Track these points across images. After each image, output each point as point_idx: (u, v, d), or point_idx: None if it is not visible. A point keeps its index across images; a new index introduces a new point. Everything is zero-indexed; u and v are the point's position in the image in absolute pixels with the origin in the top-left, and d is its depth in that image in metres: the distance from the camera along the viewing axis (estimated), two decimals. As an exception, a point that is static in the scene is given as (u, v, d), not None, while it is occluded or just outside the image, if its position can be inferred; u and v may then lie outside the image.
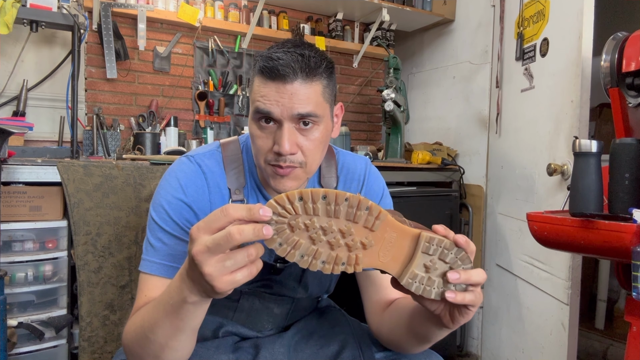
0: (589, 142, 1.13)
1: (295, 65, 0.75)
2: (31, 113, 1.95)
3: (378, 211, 0.60)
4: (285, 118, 0.77)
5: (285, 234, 0.58)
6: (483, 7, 2.38)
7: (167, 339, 0.68)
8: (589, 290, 2.64)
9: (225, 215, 0.56)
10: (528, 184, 1.91)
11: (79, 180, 1.33)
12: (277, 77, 0.76)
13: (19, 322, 1.35)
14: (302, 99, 0.77)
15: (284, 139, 0.77)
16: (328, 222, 0.59)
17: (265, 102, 0.77)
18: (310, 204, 0.57)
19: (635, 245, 0.97)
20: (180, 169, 0.88)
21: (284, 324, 1.03)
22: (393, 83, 2.25)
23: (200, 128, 2.37)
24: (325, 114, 0.82)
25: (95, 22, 2.07)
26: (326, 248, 0.60)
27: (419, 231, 0.63)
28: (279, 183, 0.81)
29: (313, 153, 0.81)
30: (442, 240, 0.63)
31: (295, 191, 0.57)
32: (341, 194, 0.58)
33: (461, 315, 0.67)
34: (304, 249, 0.59)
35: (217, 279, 0.56)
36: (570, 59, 1.62)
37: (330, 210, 0.58)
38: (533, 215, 1.26)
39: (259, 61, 0.78)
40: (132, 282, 1.38)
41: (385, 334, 0.89)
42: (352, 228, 0.60)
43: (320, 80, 0.79)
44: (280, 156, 0.78)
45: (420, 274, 0.64)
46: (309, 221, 0.58)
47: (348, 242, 0.60)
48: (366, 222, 0.60)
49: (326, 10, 2.67)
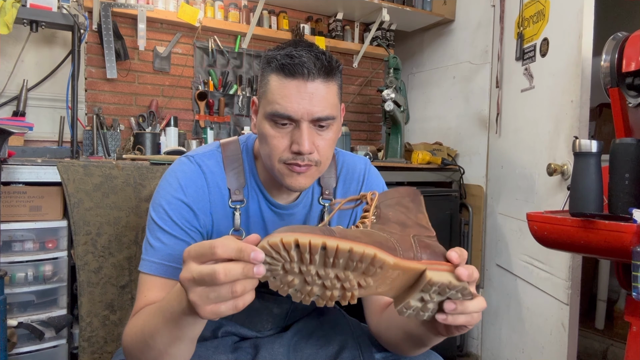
0: (589, 142, 1.13)
1: (319, 63, 0.76)
2: (31, 113, 1.95)
3: (382, 262, 0.55)
4: (305, 119, 0.78)
5: (278, 274, 0.56)
6: (483, 7, 2.38)
7: (166, 347, 0.68)
8: (589, 290, 2.64)
9: (212, 253, 0.54)
10: (528, 184, 1.91)
11: (79, 180, 1.33)
12: (300, 74, 0.76)
13: (19, 322, 1.35)
14: (321, 100, 0.77)
15: (304, 138, 0.78)
16: (325, 270, 0.55)
17: (286, 104, 0.77)
18: (307, 255, 0.53)
19: (635, 245, 0.97)
20: (180, 169, 0.88)
21: (283, 324, 1.03)
22: (393, 83, 2.25)
23: (200, 128, 2.37)
24: (338, 114, 0.84)
25: (95, 22, 2.07)
26: (320, 288, 0.57)
27: (423, 268, 0.59)
28: (294, 180, 0.82)
29: (327, 152, 0.83)
30: (445, 284, 0.59)
31: (291, 237, 0.52)
32: (342, 248, 0.53)
33: (457, 330, 0.66)
34: (297, 287, 0.57)
35: (200, 308, 0.55)
36: (570, 59, 1.62)
37: (328, 262, 0.54)
38: (533, 215, 1.26)
39: (277, 59, 0.77)
40: (132, 282, 1.38)
41: (383, 335, 0.90)
42: (351, 275, 0.56)
43: (336, 81, 0.81)
44: (298, 155, 0.79)
45: (416, 305, 0.62)
46: (304, 268, 0.55)
47: (344, 285, 0.57)
48: (366, 271, 0.56)
49: (326, 10, 2.67)
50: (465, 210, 2.40)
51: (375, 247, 0.56)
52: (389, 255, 0.57)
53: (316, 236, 0.53)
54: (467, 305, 0.61)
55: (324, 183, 0.96)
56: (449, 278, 0.59)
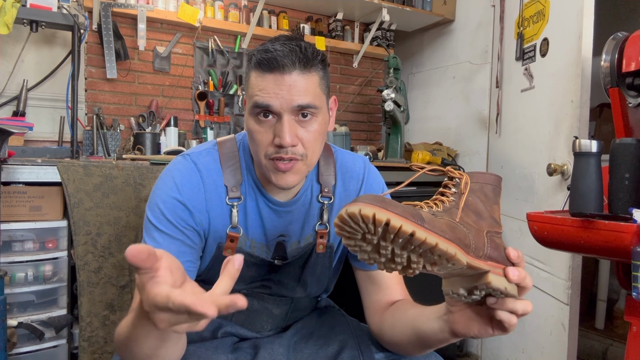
0: (589, 142, 1.13)
1: (293, 55, 0.76)
2: (31, 113, 1.95)
3: (457, 260, 0.56)
4: (285, 110, 0.77)
5: (355, 237, 0.57)
6: (483, 7, 2.38)
7: (153, 350, 0.67)
8: (589, 290, 2.64)
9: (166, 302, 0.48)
10: (528, 184, 1.91)
11: (79, 180, 1.33)
12: (275, 68, 0.76)
13: (19, 322, 1.35)
14: (301, 90, 0.77)
15: (284, 130, 0.77)
16: (401, 251, 0.56)
17: (264, 95, 0.77)
18: (392, 236, 0.54)
19: (635, 245, 0.97)
20: (175, 167, 0.88)
21: (283, 324, 1.03)
22: (393, 83, 2.25)
23: (200, 128, 2.37)
24: (323, 105, 0.83)
25: (95, 22, 2.07)
26: (388, 261, 0.58)
27: (487, 270, 0.60)
28: (280, 178, 0.81)
29: (313, 145, 0.82)
30: (500, 289, 0.60)
31: (384, 216, 0.52)
32: (429, 242, 0.54)
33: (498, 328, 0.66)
34: (368, 253, 0.58)
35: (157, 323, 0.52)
36: (570, 59, 1.62)
37: (408, 247, 0.55)
38: (533, 215, 1.26)
39: (255, 55, 0.79)
40: (132, 282, 1.38)
41: (387, 335, 0.89)
42: (422, 261, 0.57)
43: (316, 72, 0.80)
44: (281, 148, 0.79)
45: (463, 293, 0.63)
46: (384, 243, 0.56)
47: (411, 265, 0.58)
48: (438, 262, 0.57)
49: (326, 10, 2.67)
50: (465, 210, 2.40)
51: (456, 246, 0.57)
52: (465, 255, 0.58)
53: (408, 222, 0.53)
54: (514, 304, 0.62)
55: (322, 181, 0.96)
56: (505, 284, 0.61)
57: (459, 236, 0.59)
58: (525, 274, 0.62)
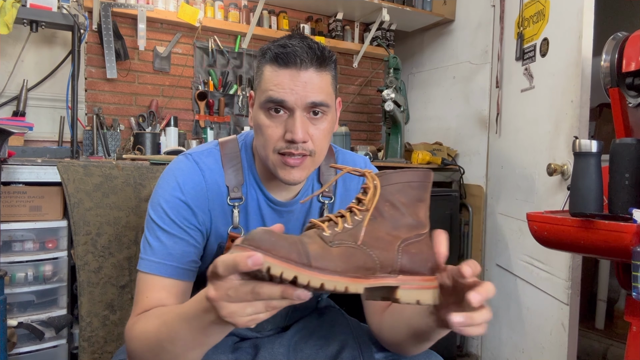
0: (589, 142, 1.13)
1: (311, 52, 0.77)
2: (31, 113, 1.95)
3: (353, 291, 0.56)
4: (299, 106, 0.78)
5: None
6: (483, 7, 2.38)
7: (185, 351, 0.68)
8: (589, 290, 2.64)
9: None
10: (528, 184, 1.91)
11: (79, 180, 1.33)
12: (292, 63, 0.77)
13: (19, 322, 1.35)
14: (315, 87, 0.78)
15: (297, 126, 0.78)
16: None
17: (279, 90, 0.78)
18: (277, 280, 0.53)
19: (635, 245, 0.97)
20: (177, 167, 0.88)
21: (283, 324, 1.03)
22: (393, 83, 2.25)
23: (200, 128, 2.37)
24: (333, 104, 0.84)
25: (95, 22, 2.07)
26: None
27: (395, 285, 0.60)
28: (287, 173, 0.82)
29: (322, 142, 0.83)
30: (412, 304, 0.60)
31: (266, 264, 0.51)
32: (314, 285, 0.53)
33: None
34: None
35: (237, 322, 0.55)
36: (570, 59, 1.62)
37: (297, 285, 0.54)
38: (533, 215, 1.26)
39: (271, 49, 0.79)
40: (132, 282, 1.38)
41: (386, 334, 0.89)
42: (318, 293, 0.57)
43: (330, 71, 0.82)
44: (292, 144, 0.79)
45: (383, 301, 0.63)
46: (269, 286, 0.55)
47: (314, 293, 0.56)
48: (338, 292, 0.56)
49: (326, 10, 2.67)
50: (465, 210, 2.40)
51: (348, 279, 0.55)
52: (361, 283, 0.56)
53: (290, 267, 0.51)
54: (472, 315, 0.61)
55: (323, 180, 0.96)
56: (417, 297, 0.59)
57: (356, 264, 0.56)
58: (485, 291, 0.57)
